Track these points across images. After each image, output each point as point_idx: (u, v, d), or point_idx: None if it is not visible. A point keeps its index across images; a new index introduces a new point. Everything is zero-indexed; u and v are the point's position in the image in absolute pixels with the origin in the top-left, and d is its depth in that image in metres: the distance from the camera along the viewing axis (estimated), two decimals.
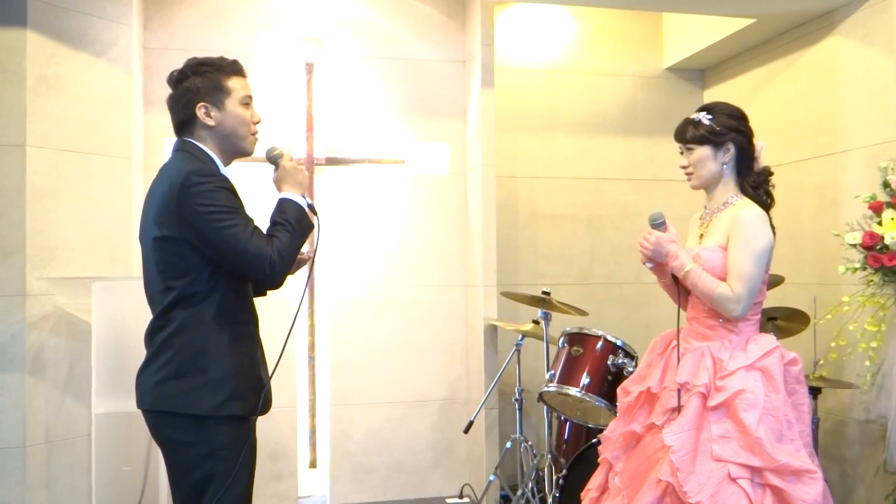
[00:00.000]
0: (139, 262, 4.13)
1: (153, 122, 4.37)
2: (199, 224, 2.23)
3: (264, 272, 2.25)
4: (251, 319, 2.42)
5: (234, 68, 2.42)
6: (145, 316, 2.38)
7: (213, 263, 2.28)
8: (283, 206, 2.38)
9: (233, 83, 2.39)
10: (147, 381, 2.33)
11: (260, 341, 2.45)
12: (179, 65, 2.41)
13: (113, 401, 3.48)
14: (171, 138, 2.50)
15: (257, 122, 2.45)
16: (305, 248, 2.51)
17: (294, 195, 2.40)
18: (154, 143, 4.38)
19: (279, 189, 2.43)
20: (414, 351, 4.76)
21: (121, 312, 3.49)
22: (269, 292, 2.52)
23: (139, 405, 2.37)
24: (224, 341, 2.30)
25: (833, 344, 3.69)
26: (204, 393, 2.26)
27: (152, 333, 2.34)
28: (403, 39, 4.78)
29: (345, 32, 4.70)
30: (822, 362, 3.82)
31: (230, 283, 2.32)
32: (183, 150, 2.37)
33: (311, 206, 2.45)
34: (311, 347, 4.55)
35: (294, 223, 2.34)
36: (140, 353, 2.37)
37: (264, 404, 2.39)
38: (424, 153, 4.76)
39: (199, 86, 2.36)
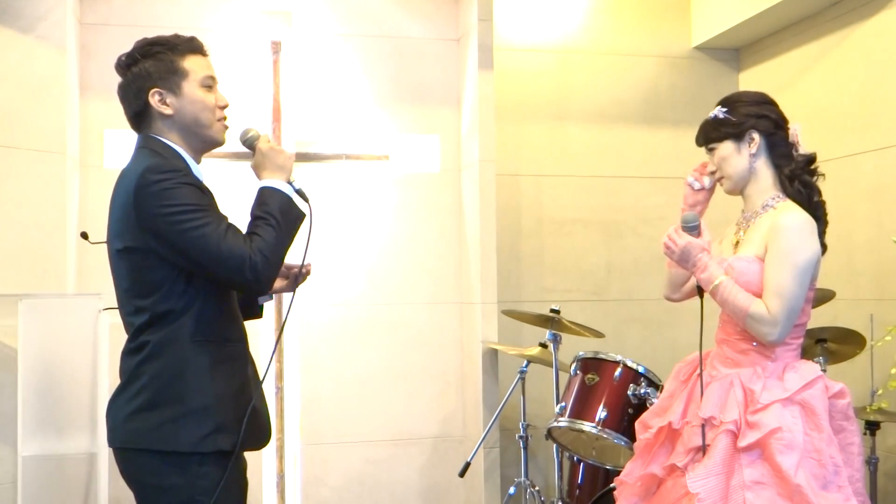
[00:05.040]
0: (74, 276, 4.16)
1: (91, 111, 4.35)
2: (161, 228, 2.24)
3: (244, 276, 2.25)
4: (238, 336, 2.44)
5: (191, 46, 2.41)
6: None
7: (185, 275, 2.30)
8: (264, 197, 2.38)
9: (190, 63, 2.39)
10: (118, 415, 2.34)
11: (251, 359, 2.48)
12: (121, 43, 2.41)
13: (43, 441, 3.46)
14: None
15: (224, 107, 2.45)
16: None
17: (276, 181, 2.40)
18: (92, 135, 4.36)
19: (259, 177, 2.43)
20: (400, 380, 4.75)
21: (52, 336, 3.47)
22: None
23: (109, 443, 2.38)
24: (204, 364, 2.30)
25: (894, 370, 3.68)
26: (182, 425, 2.27)
27: (125, 358, 2.36)
28: (386, 14, 4.78)
29: (318, 5, 4.70)
30: (880, 392, 3.82)
31: (209, 296, 2.33)
32: (144, 146, 2.38)
33: (299, 192, 2.44)
34: (279, 376, 4.52)
35: (278, 215, 2.34)
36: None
37: (260, 434, 2.42)
38: (412, 147, 4.76)
39: (150, 70, 2.36)
